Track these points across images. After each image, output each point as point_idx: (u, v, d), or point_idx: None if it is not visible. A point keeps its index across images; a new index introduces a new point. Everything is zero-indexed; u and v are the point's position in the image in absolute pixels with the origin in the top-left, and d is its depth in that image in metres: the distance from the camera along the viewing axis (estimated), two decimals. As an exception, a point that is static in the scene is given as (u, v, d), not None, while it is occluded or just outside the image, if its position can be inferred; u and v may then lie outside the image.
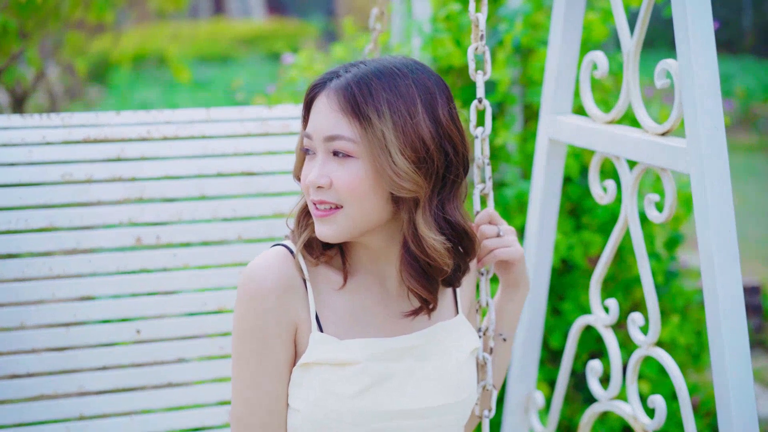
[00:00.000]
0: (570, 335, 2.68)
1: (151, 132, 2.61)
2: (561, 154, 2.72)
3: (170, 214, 2.61)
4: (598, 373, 2.58)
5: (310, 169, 1.94)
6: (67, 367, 2.52)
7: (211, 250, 2.64)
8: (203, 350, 2.63)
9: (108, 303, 2.57)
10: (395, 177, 1.88)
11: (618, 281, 3.83)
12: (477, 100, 2.21)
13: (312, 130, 1.94)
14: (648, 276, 2.38)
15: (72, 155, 2.55)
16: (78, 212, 2.54)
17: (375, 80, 1.91)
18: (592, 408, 2.61)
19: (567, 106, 2.67)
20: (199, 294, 2.63)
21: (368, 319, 2.01)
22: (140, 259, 2.59)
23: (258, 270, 1.95)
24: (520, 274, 2.22)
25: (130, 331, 2.58)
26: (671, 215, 2.29)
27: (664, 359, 2.34)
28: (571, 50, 2.64)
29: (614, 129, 2.41)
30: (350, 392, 1.93)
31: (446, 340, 2.06)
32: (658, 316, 2.37)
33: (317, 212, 1.93)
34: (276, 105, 2.77)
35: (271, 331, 1.94)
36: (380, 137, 1.87)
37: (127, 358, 2.57)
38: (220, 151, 2.65)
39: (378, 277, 2.03)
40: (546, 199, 2.73)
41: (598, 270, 2.56)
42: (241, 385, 1.96)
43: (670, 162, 2.21)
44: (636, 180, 2.39)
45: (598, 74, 2.46)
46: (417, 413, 1.99)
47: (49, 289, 2.52)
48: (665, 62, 2.21)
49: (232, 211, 2.65)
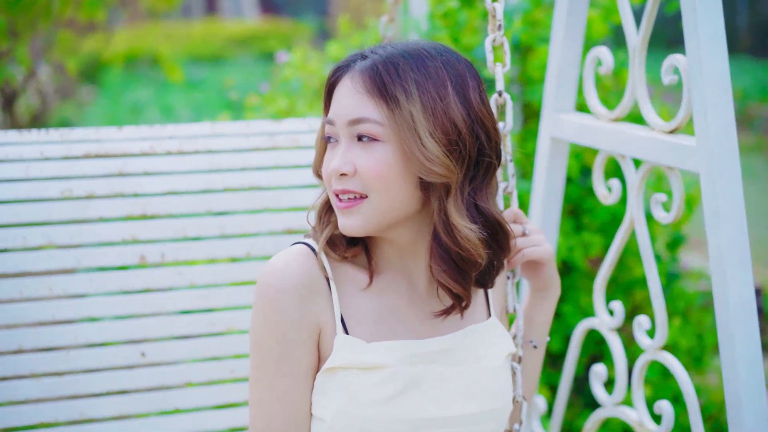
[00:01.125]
0: (573, 339, 2.60)
1: (154, 147, 2.52)
2: (563, 153, 2.65)
3: (175, 231, 2.51)
4: (602, 378, 2.51)
5: (333, 156, 1.83)
6: (68, 392, 2.42)
7: (218, 268, 2.54)
8: (212, 374, 2.53)
9: (111, 325, 2.47)
10: (425, 161, 1.77)
11: (619, 283, 3.77)
12: (497, 93, 2.12)
13: (334, 114, 1.83)
14: (655, 278, 2.31)
15: (72, 171, 2.45)
16: (78, 229, 2.44)
17: (402, 61, 1.81)
18: (596, 413, 2.53)
19: (570, 104, 2.60)
20: (206, 314, 2.53)
21: (396, 321, 1.90)
22: (144, 278, 2.49)
23: (277, 270, 1.83)
24: (551, 275, 2.12)
25: (134, 354, 2.47)
26: (679, 215, 2.22)
27: (672, 363, 2.26)
28: (574, 46, 2.56)
29: (619, 127, 2.35)
30: (379, 398, 1.82)
31: (479, 343, 1.95)
32: (665, 320, 2.29)
33: (340, 204, 1.83)
34: (284, 119, 2.67)
35: (293, 335, 1.83)
36: (409, 119, 1.77)
37: (132, 383, 2.47)
38: (227, 166, 2.56)
39: (405, 275, 1.92)
40: (548, 199, 2.66)
41: (602, 272, 2.48)
42: (261, 395, 1.85)
43: (678, 161, 2.15)
44: (642, 179, 2.31)
45: (603, 70, 2.39)
46: (450, 421, 1.88)
47: (49, 310, 2.41)
48: (673, 58, 2.15)
49: (239, 227, 2.55)
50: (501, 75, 2.12)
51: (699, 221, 2.48)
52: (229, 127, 2.61)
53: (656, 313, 2.30)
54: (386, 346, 1.86)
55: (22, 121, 6.67)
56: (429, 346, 1.89)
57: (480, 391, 1.92)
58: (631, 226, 2.38)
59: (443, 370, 1.89)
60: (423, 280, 1.92)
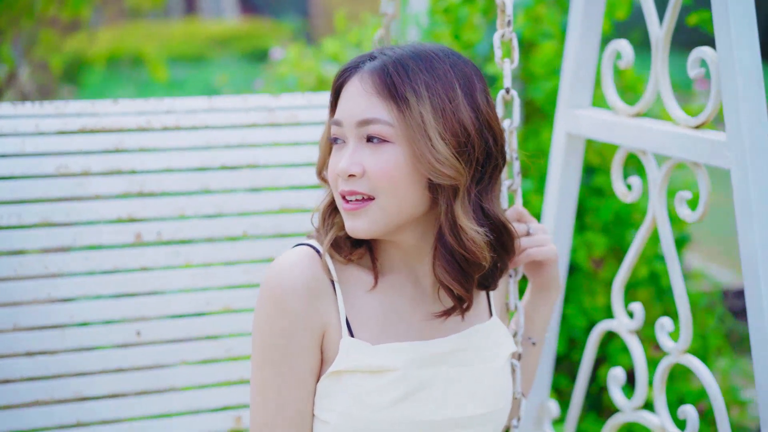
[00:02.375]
0: (589, 341, 2.55)
1: (150, 122, 2.48)
2: (579, 150, 2.59)
3: (172, 210, 2.48)
4: (620, 382, 2.44)
5: (340, 157, 1.82)
6: (64, 371, 2.39)
7: (215, 247, 2.51)
8: (208, 353, 2.50)
9: (106, 303, 2.44)
10: (435, 163, 1.77)
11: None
12: (504, 90, 2.09)
13: (342, 115, 1.83)
14: (679, 280, 2.26)
15: (67, 146, 2.42)
16: (74, 207, 2.41)
17: (412, 62, 1.81)
18: (614, 418, 2.46)
19: (586, 99, 2.55)
20: (202, 293, 2.50)
21: (401, 322, 1.89)
22: (140, 257, 2.46)
23: (282, 272, 1.82)
24: (553, 275, 2.11)
25: (130, 332, 2.45)
26: (705, 213, 2.16)
27: (697, 367, 2.21)
28: (592, 40, 2.52)
29: (641, 122, 2.29)
30: (385, 402, 1.81)
31: (482, 344, 1.95)
32: (689, 322, 2.24)
33: (347, 205, 1.82)
34: (282, 94, 2.64)
35: (297, 337, 1.81)
36: (419, 120, 1.77)
37: (127, 362, 2.44)
38: (224, 143, 2.53)
39: (410, 277, 1.92)
40: (563, 197, 2.60)
41: (621, 272, 2.43)
42: (263, 396, 1.84)
43: (706, 157, 2.09)
44: (665, 176, 2.26)
45: (623, 64, 2.35)
46: (454, 423, 1.88)
47: (44, 288, 2.38)
48: (700, 50, 2.10)
49: (237, 205, 2.53)
50: (509, 71, 2.09)
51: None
52: (227, 102, 2.58)
53: (681, 315, 2.25)
54: (392, 349, 1.85)
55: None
56: (434, 347, 1.89)
57: (484, 392, 1.92)
58: (653, 225, 2.33)
59: (449, 371, 1.89)
60: (427, 281, 1.92)
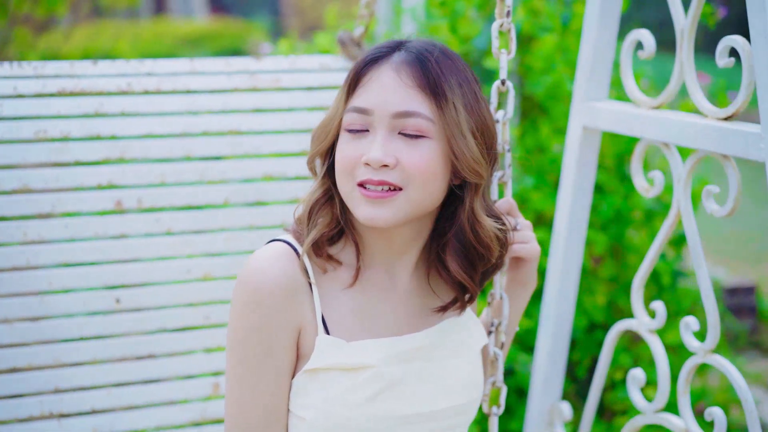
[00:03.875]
0: (606, 342, 2.48)
1: (131, 85, 2.45)
2: (595, 144, 2.52)
3: (153, 176, 2.46)
4: (640, 383, 2.38)
5: (368, 146, 1.79)
6: (42, 338, 2.37)
7: (196, 214, 2.49)
8: (187, 320, 2.49)
9: (86, 270, 2.41)
10: (472, 162, 1.80)
11: (620, 283, 3.71)
12: (500, 81, 2.07)
13: (373, 105, 1.80)
14: (706, 278, 2.19)
15: (46, 110, 2.38)
16: (53, 173, 2.38)
17: (442, 57, 1.82)
18: (634, 421, 2.41)
19: (603, 91, 2.48)
20: (183, 261, 2.48)
21: (376, 318, 1.89)
22: (120, 224, 2.44)
23: (258, 269, 1.81)
24: (531, 272, 2.11)
25: (109, 300, 2.43)
26: (735, 208, 2.09)
27: (725, 366, 2.15)
28: (609, 30, 2.43)
29: (664, 114, 2.23)
30: (360, 399, 1.82)
31: (455, 338, 1.96)
32: (717, 321, 2.17)
33: (370, 194, 1.78)
34: (264, 57, 2.61)
35: (273, 335, 1.80)
36: (456, 118, 1.79)
37: (106, 329, 2.42)
38: (206, 108, 2.51)
39: (388, 272, 1.91)
40: (578, 193, 2.52)
41: (641, 270, 2.37)
42: (238, 392, 1.82)
43: (738, 149, 2.01)
44: (691, 170, 2.19)
45: (644, 55, 2.28)
46: (428, 416, 1.89)
47: (23, 255, 2.36)
48: (731, 39, 2.04)
49: (218, 172, 2.51)
50: (505, 62, 2.08)
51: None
52: (209, 65, 2.55)
53: (708, 314, 2.17)
54: (367, 345, 1.85)
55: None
56: (408, 342, 1.89)
57: (456, 385, 1.93)
58: (676, 221, 2.27)
59: (422, 366, 1.89)
60: (404, 277, 1.92)
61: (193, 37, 16.06)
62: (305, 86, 2.57)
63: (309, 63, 2.62)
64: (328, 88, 2.60)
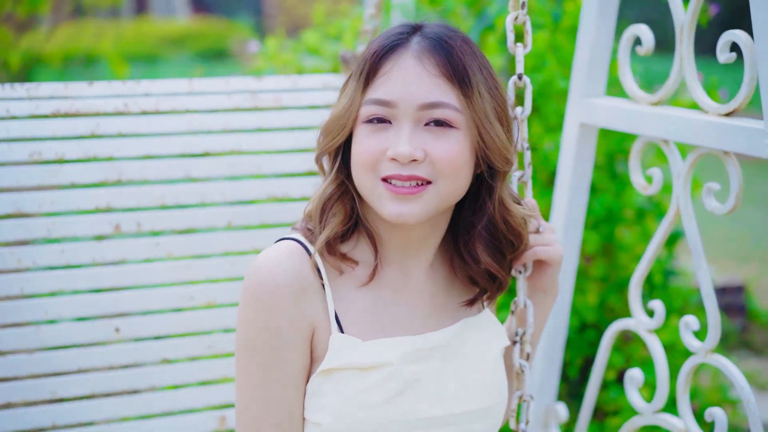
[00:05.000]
0: (603, 342, 2.44)
1: (128, 105, 2.37)
2: (592, 141, 2.49)
3: (152, 198, 2.37)
4: (638, 384, 2.33)
5: (393, 140, 1.71)
6: (38, 371, 2.28)
7: (197, 238, 2.41)
8: (190, 350, 2.40)
9: (83, 298, 2.33)
10: (503, 150, 1.77)
11: (611, 282, 3.69)
12: (516, 76, 2.00)
13: (397, 96, 1.71)
14: (706, 277, 2.15)
15: (40, 131, 2.30)
16: (48, 196, 2.29)
17: (462, 42, 1.74)
18: (632, 422, 2.36)
19: (601, 87, 2.45)
20: (185, 287, 2.40)
21: (391, 317, 1.81)
22: (119, 249, 2.35)
23: (268, 268, 1.73)
24: (553, 278, 2.03)
25: (108, 329, 2.34)
26: (737, 206, 2.05)
27: (726, 366, 2.11)
28: (607, 25, 2.41)
29: (663, 110, 2.20)
30: (379, 399, 1.73)
31: (473, 338, 1.88)
32: (717, 321, 2.13)
33: (399, 189, 1.71)
34: (265, 76, 2.53)
35: (285, 337, 1.72)
36: (482, 107, 1.73)
37: (105, 360, 2.33)
38: (206, 128, 2.42)
39: (401, 271, 1.84)
40: (575, 190, 2.49)
41: (639, 269, 2.33)
42: (249, 400, 1.74)
43: (740, 145, 1.98)
44: (691, 167, 2.16)
45: (642, 51, 2.25)
46: (449, 420, 1.80)
47: (18, 283, 2.27)
48: (732, 34, 2.01)
49: (220, 194, 2.42)
50: (522, 56, 2.01)
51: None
52: (209, 84, 2.47)
53: (708, 313, 2.14)
54: (383, 344, 1.77)
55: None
56: (426, 341, 1.81)
57: (476, 386, 1.84)
58: (676, 219, 2.23)
59: (440, 366, 1.81)
60: (419, 275, 1.85)
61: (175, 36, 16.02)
62: (307, 105, 2.49)
63: (311, 82, 2.54)
64: (331, 107, 2.50)
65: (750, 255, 7.09)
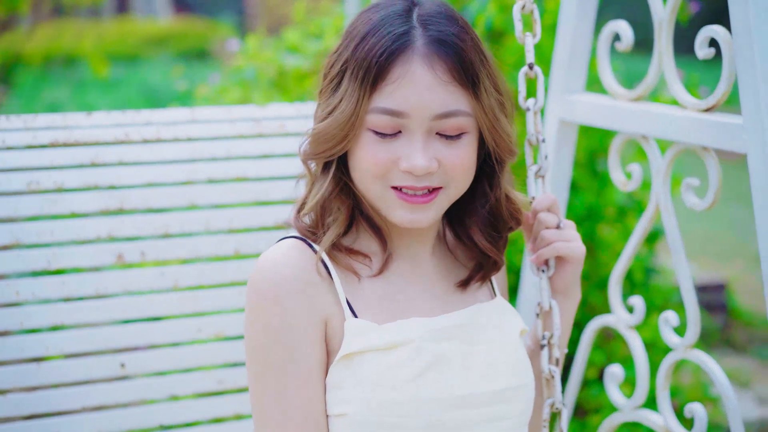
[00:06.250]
0: (583, 338, 2.41)
1: (129, 134, 2.29)
2: (572, 138, 2.47)
3: (156, 227, 2.29)
4: (618, 380, 2.32)
5: (404, 150, 1.68)
6: (39, 410, 2.19)
7: (204, 267, 2.33)
8: (199, 386, 2.32)
9: (86, 332, 2.24)
10: (510, 144, 1.77)
11: (592, 280, 3.69)
12: (527, 66, 1.97)
13: (410, 107, 1.65)
14: (686, 272, 2.14)
15: (38, 161, 2.21)
16: (48, 226, 2.21)
17: (467, 36, 1.69)
18: (612, 418, 2.34)
19: (580, 84, 2.43)
20: (192, 319, 2.32)
21: (404, 302, 1.78)
22: (122, 280, 2.27)
23: (271, 265, 1.70)
24: (574, 278, 1.97)
25: (112, 365, 2.25)
26: (716, 201, 2.05)
27: (707, 363, 2.10)
28: (587, 21, 2.39)
29: (643, 106, 2.19)
30: (406, 376, 1.67)
31: (487, 322, 1.84)
32: (697, 317, 2.13)
33: (412, 199, 1.70)
34: (268, 104, 2.48)
35: (298, 332, 1.67)
36: (490, 104, 1.70)
37: (110, 398, 2.25)
38: (210, 155, 2.35)
39: (409, 260, 1.82)
40: (555, 188, 2.46)
41: (618, 267, 2.31)
42: (268, 406, 1.68)
43: (719, 141, 1.97)
44: (670, 163, 2.15)
45: (622, 47, 2.25)
46: (478, 399, 1.74)
47: (16, 317, 2.18)
48: (710, 29, 2.00)
49: (226, 222, 2.35)
50: (531, 46, 1.98)
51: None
52: (210, 113, 2.41)
53: (688, 309, 2.13)
54: (400, 326, 1.73)
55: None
56: (445, 321, 1.77)
57: (502, 367, 1.79)
58: (655, 215, 2.22)
59: (464, 347, 1.77)
60: (425, 261, 1.84)
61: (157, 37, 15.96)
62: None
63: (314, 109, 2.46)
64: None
65: (731, 253, 7.11)
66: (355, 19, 1.75)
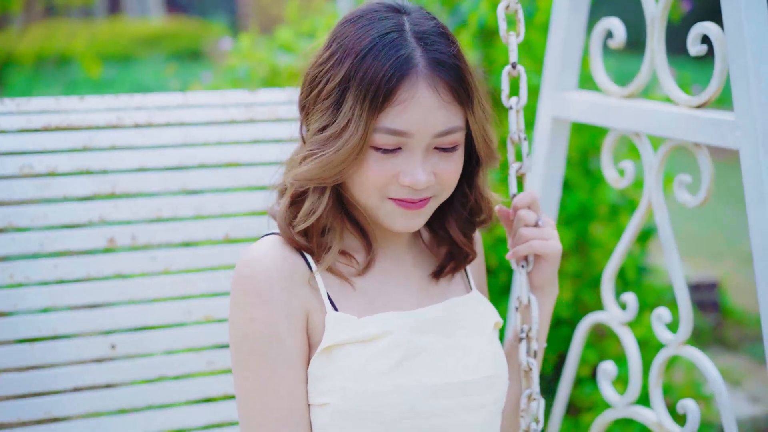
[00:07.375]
0: (576, 335, 2.44)
1: (121, 119, 2.31)
2: (565, 135, 2.50)
3: (147, 211, 2.31)
4: (611, 377, 2.34)
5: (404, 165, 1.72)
6: (32, 389, 2.21)
7: (195, 251, 2.35)
8: (189, 367, 2.34)
9: (78, 314, 2.26)
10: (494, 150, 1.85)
11: (585, 278, 3.69)
12: (510, 65, 1.98)
13: (414, 127, 1.70)
14: (678, 269, 2.16)
15: (31, 145, 2.23)
16: (40, 210, 2.23)
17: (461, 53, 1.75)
18: (605, 415, 2.37)
19: (573, 81, 2.46)
20: (182, 302, 2.33)
21: (385, 296, 1.84)
22: (114, 263, 2.29)
23: (254, 259, 1.75)
24: (551, 275, 1.99)
25: (103, 346, 2.27)
26: (707, 198, 2.07)
27: (699, 359, 2.12)
28: (579, 18, 2.41)
29: (636, 103, 2.21)
30: (385, 367, 1.73)
31: (464, 315, 1.89)
32: (690, 313, 2.15)
33: (410, 206, 1.76)
34: (260, 89, 2.49)
35: (282, 324, 1.73)
36: (480, 116, 1.78)
37: (101, 378, 2.27)
38: (202, 140, 2.36)
39: (389, 257, 1.89)
40: (547, 185, 2.49)
41: (611, 263, 2.34)
42: (252, 396, 1.73)
43: (711, 137, 1.99)
44: (663, 160, 2.18)
45: (614, 44, 2.26)
46: (459, 388, 1.80)
47: (10, 299, 2.20)
48: (702, 26, 2.01)
49: (217, 207, 2.37)
50: (515, 45, 1.99)
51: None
52: (203, 98, 2.42)
53: (680, 305, 2.16)
54: (379, 318, 1.78)
55: None
56: (423, 315, 1.83)
57: (479, 357, 1.85)
58: (648, 212, 2.24)
59: (441, 339, 1.83)
60: (406, 257, 1.90)
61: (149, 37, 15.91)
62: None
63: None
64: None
65: (723, 252, 7.13)
66: (341, 29, 1.75)
